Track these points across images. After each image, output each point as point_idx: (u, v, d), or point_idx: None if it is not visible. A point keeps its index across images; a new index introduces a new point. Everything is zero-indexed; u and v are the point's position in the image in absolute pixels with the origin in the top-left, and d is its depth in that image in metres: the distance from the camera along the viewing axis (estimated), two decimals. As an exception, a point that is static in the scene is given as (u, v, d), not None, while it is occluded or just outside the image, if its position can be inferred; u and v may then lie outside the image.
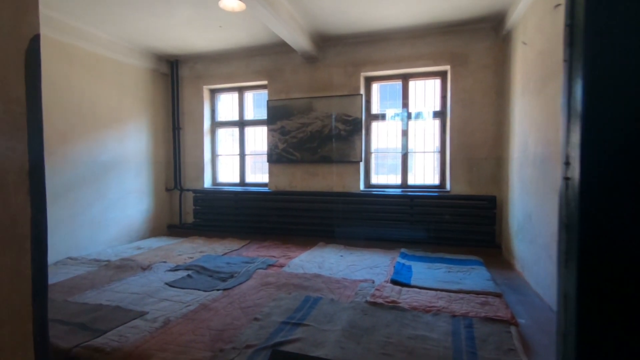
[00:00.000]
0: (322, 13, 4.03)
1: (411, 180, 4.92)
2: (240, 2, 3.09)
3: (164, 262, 3.81)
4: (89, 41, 4.39)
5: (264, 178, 5.56)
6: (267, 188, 5.39)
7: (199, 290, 2.98)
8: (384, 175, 5.18)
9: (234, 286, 3.05)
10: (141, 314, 2.49)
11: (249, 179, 5.73)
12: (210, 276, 3.35)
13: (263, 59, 5.31)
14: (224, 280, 3.24)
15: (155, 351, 1.98)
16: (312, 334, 2.21)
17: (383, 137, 5.13)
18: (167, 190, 5.80)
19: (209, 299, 2.77)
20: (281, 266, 3.68)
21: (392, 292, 2.88)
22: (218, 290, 2.97)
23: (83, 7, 3.82)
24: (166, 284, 3.12)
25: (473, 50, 4.43)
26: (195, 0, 3.71)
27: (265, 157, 5.35)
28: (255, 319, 2.41)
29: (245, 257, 4.02)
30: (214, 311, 2.54)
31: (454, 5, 3.85)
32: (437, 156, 4.86)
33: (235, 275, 3.36)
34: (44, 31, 3.89)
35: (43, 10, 3.84)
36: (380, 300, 2.70)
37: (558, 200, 0.81)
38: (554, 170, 2.74)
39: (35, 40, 0.64)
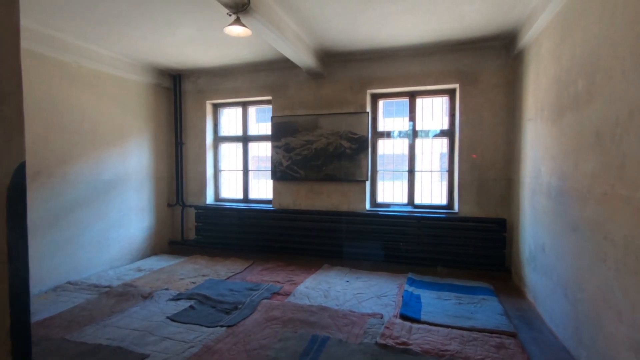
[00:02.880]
0: (329, 32, 3.93)
1: (418, 199, 4.82)
2: (245, 28, 2.98)
3: (166, 289, 3.71)
4: (90, 59, 4.30)
5: (268, 194, 5.46)
6: (270, 205, 5.30)
7: (202, 326, 2.88)
8: (390, 192, 5.07)
9: (238, 322, 2.95)
10: (142, 357, 2.40)
11: (253, 195, 5.63)
12: (214, 307, 3.25)
13: (267, 75, 5.21)
14: (227, 312, 3.14)
15: (157, 410, 1.88)
16: (321, 385, 2.11)
17: (389, 154, 5.02)
18: (169, 206, 5.70)
19: (213, 338, 2.67)
20: (286, 294, 3.58)
21: (402, 331, 2.77)
22: (222, 326, 2.87)
23: (85, 26, 3.73)
24: (168, 317, 3.02)
25: (483, 69, 4.32)
26: (199, 23, 3.62)
27: (269, 173, 5.26)
28: (261, 366, 2.31)
29: (249, 283, 3.92)
30: (217, 355, 2.44)
31: (464, 25, 3.74)
32: (445, 175, 4.75)
33: (239, 306, 3.26)
34: (44, 51, 3.79)
35: (44, 30, 3.75)
36: (390, 342, 2.59)
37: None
38: (571, 205, 2.63)
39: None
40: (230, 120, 5.79)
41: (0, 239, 0.66)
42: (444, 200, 4.75)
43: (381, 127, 4.98)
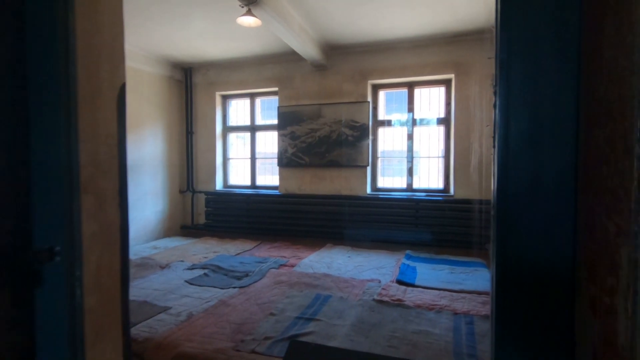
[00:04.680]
0: (332, 25, 4.23)
1: (416, 184, 5.10)
2: (256, 19, 3.29)
3: (182, 261, 4.03)
4: (110, 51, 4.63)
5: (274, 180, 5.77)
6: (277, 191, 5.60)
7: (216, 287, 3.19)
8: (389, 178, 5.36)
9: (249, 284, 3.26)
10: (165, 309, 2.70)
11: (260, 181, 5.94)
12: (226, 275, 3.56)
13: (274, 67, 5.52)
14: (239, 278, 3.45)
15: (183, 341, 2.19)
16: (323, 328, 2.40)
17: (389, 142, 5.31)
18: (181, 192, 6.03)
19: (227, 295, 2.98)
20: (292, 266, 3.88)
21: (397, 292, 3.06)
22: (234, 288, 3.18)
23: (107, 20, 4.05)
24: (185, 281, 3.34)
25: (476, 60, 4.60)
26: (213, 15, 3.93)
27: (275, 161, 5.56)
28: (271, 314, 2.61)
29: (258, 257, 4.23)
30: (232, 307, 2.75)
31: (457, 18, 4.03)
32: (441, 161, 5.03)
33: (250, 274, 3.57)
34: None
35: (69, 23, 4.08)
36: (386, 299, 2.89)
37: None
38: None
39: (122, 88, 0.84)
40: (239, 110, 6.11)
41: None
42: (440, 185, 5.03)
43: (381, 116, 5.27)
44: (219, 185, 5.99)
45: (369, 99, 5.11)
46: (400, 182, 5.21)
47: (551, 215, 0.60)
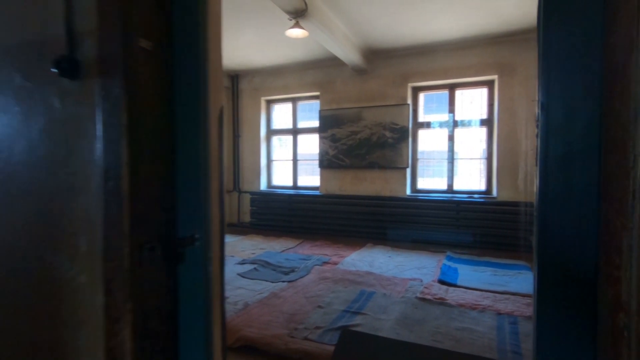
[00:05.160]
0: (374, 31, 4.37)
1: (457, 186, 5.10)
2: (304, 30, 3.51)
3: (232, 256, 4.34)
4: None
5: (314, 181, 5.98)
6: (318, 191, 5.81)
7: (267, 281, 3.44)
8: (429, 179, 5.39)
9: (296, 279, 3.48)
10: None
11: (301, 182, 6.19)
12: (274, 270, 3.81)
13: (316, 72, 5.74)
14: (286, 273, 3.68)
15: (243, 327, 2.43)
16: (369, 321, 2.56)
17: (429, 143, 5.35)
18: (228, 192, 6.41)
19: (277, 288, 3.21)
20: (335, 264, 4.07)
21: (439, 291, 3.15)
22: (283, 282, 3.41)
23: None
24: (238, 274, 3.62)
25: (521, 61, 4.53)
26: (262, 27, 4.21)
27: (315, 162, 5.78)
28: (319, 307, 2.81)
29: (302, 255, 4.45)
30: (283, 299, 2.98)
31: (502, 20, 4.02)
32: (483, 163, 5.00)
33: (296, 270, 3.79)
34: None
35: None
36: (429, 297, 2.99)
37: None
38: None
39: (221, 109, 1.04)
40: (281, 114, 6.40)
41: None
42: (482, 186, 5.00)
43: (421, 118, 5.32)
44: (263, 186, 6.31)
45: (409, 101, 5.19)
46: (440, 184, 5.23)
47: (580, 217, 0.75)
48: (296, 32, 3.57)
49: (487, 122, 4.91)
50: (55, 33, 0.81)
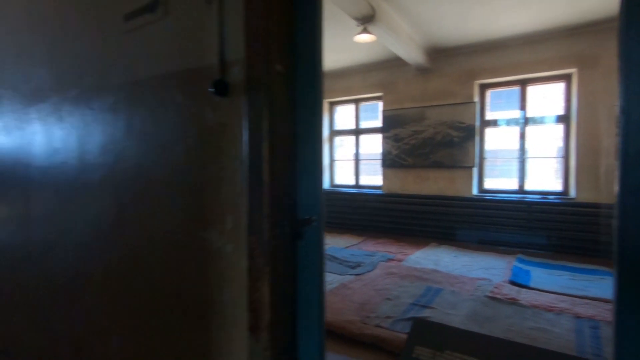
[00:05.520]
0: (440, 30, 4.38)
1: (528, 186, 4.88)
2: (371, 35, 3.66)
3: (300, 249, 4.64)
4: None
5: (376, 180, 6.09)
6: (379, 190, 5.92)
7: (334, 273, 3.65)
8: (497, 179, 5.22)
9: (362, 273, 3.65)
10: (297, 286, 3.25)
11: (363, 181, 6.34)
12: (340, 264, 4.01)
13: (378, 73, 5.85)
14: (352, 267, 3.87)
15: (319, 311, 2.66)
16: (439, 315, 2.64)
17: (497, 142, 5.18)
18: (293, 190, 6.78)
19: (346, 280, 3.41)
20: (399, 261, 4.16)
21: (511, 291, 3.10)
22: (350, 275, 3.60)
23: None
24: (308, 266, 3.88)
25: (604, 52, 4.22)
26: (328, 33, 4.44)
27: (376, 162, 5.89)
28: (387, 299, 2.94)
29: (366, 251, 4.61)
30: (352, 290, 3.16)
31: (580, 9, 3.80)
32: (559, 162, 4.72)
33: (361, 264, 3.96)
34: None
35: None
36: (499, 296, 2.97)
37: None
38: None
39: None
40: (344, 115, 6.61)
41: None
42: (558, 187, 4.73)
43: (489, 116, 5.17)
44: (326, 184, 6.57)
45: (476, 99, 5.07)
46: (508, 184, 5.04)
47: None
48: (364, 38, 3.73)
49: (563, 119, 4.64)
50: (210, 63, 1.08)
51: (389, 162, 5.70)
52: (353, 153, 6.38)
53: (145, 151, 1.27)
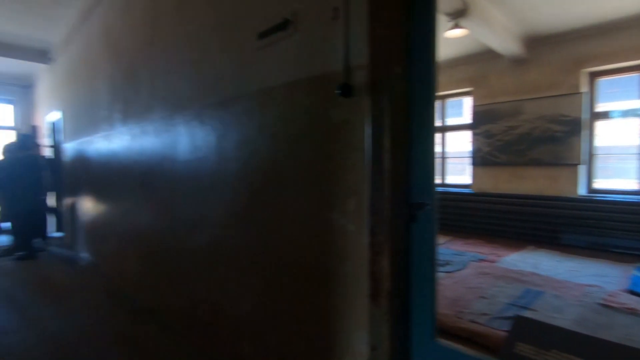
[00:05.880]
0: (539, 17, 4.08)
1: (652, 186, 4.24)
2: (463, 29, 3.60)
3: (386, 246, 4.72)
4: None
5: (463, 179, 5.86)
6: (469, 189, 5.68)
7: (423, 270, 3.67)
8: (610, 179, 4.64)
9: (453, 271, 3.60)
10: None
11: (449, 180, 6.15)
12: (428, 261, 4.00)
13: (467, 68, 5.63)
14: (442, 265, 3.83)
15: (411, 303, 2.74)
16: (541, 318, 2.50)
17: (611, 137, 4.60)
18: (375, 188, 6.87)
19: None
20: (492, 262, 3.98)
21: (629, 300, 2.79)
22: (440, 272, 3.58)
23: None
24: (395, 262, 3.96)
25: None
26: (416, 31, 4.46)
27: (462, 160, 5.66)
28: (482, 297, 2.88)
29: (455, 250, 4.50)
30: (443, 286, 3.16)
31: None
32: (695, 157, 4.02)
33: (450, 263, 3.90)
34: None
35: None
36: (614, 305, 2.69)
37: None
38: None
39: None
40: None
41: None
42: (693, 187, 4.03)
43: (599, 108, 4.62)
44: (409, 183, 6.52)
45: (584, 89, 4.58)
46: (626, 184, 4.44)
47: None
48: (455, 33, 3.68)
49: (702, 107, 3.94)
50: (334, 69, 1.27)
51: (480, 159, 5.45)
52: (439, 151, 6.23)
53: (276, 146, 1.53)
